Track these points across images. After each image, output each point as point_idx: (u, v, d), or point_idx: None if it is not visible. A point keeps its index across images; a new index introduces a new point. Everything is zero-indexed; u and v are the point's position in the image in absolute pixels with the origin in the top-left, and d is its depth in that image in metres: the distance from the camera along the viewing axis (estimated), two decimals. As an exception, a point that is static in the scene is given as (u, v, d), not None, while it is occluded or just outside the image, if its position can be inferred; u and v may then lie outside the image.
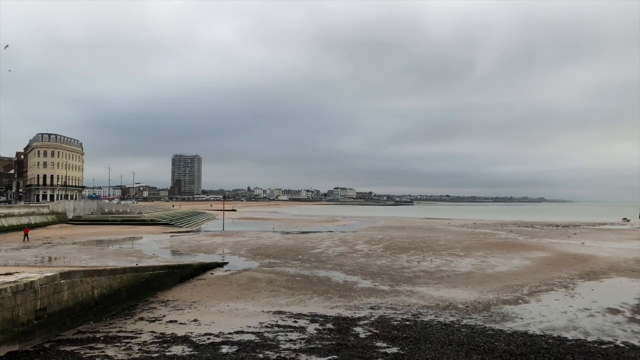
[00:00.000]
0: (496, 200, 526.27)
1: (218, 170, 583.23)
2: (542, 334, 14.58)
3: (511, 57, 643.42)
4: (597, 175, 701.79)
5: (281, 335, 14.00)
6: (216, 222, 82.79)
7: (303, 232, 56.90)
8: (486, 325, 15.44)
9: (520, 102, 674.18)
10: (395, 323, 15.60)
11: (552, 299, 19.96)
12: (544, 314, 17.28)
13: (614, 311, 17.82)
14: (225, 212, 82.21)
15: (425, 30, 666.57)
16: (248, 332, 14.35)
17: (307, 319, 16.07)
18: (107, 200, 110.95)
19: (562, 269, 28.53)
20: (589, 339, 14.10)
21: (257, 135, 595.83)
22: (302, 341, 13.39)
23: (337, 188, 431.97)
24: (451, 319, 16.35)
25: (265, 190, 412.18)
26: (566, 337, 14.18)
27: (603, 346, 13.28)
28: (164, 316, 16.45)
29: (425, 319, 16.22)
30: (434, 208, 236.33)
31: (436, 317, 16.60)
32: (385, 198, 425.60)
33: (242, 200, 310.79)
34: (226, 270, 26.64)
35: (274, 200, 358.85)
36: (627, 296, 20.62)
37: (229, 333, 14.22)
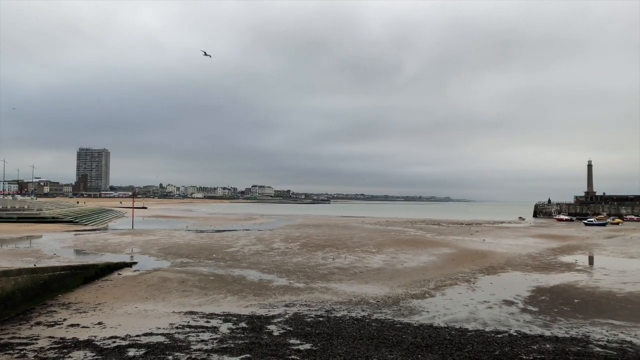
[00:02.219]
0: (407, 199, 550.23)
1: (129, 166, 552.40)
2: (446, 326, 15.46)
3: (437, 61, 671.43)
4: (500, 177, 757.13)
5: (193, 336, 13.63)
6: (125, 220, 78.84)
7: (218, 231, 55.84)
8: (395, 319, 16.09)
9: (441, 106, 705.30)
10: (309, 320, 15.78)
11: (455, 293, 21.23)
12: (448, 307, 18.33)
13: (509, 303, 19.31)
14: (135, 209, 78.56)
15: (360, 30, 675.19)
16: (157, 334, 13.81)
17: (220, 319, 15.79)
18: (1, 196, 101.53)
19: (465, 264, 30.46)
20: (487, 329, 15.17)
21: (175, 129, 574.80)
22: (215, 341, 13.14)
23: (255, 186, 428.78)
24: (363, 314, 16.85)
25: (179, 188, 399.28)
26: (467, 328, 15.15)
27: (499, 335, 14.35)
28: (64, 320, 15.37)
29: (338, 315, 16.57)
30: (350, 206, 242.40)
31: (349, 312, 17.02)
32: (303, 196, 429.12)
33: (154, 198, 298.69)
34: (135, 271, 25.45)
35: (188, 197, 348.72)
36: (520, 289, 22.43)
37: (137, 335, 13.60)
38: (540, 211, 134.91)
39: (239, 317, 16.02)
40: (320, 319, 15.98)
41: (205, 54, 58.59)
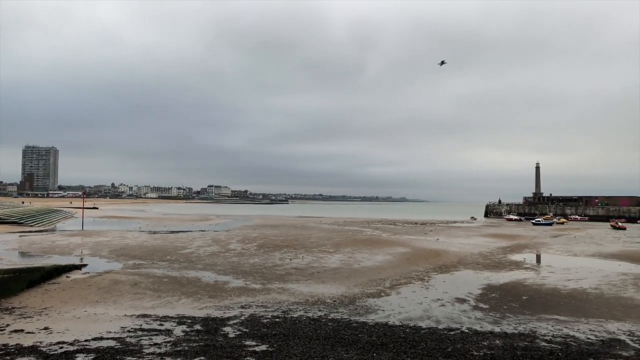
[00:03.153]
0: (364, 199, 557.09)
1: (79, 165, 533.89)
2: (400, 324, 15.73)
3: (400, 63, 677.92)
4: (454, 177, 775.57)
5: (145, 340, 13.27)
6: (75, 220, 75.88)
7: (173, 232, 54.65)
8: (351, 319, 16.23)
9: (402, 107, 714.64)
10: (265, 321, 15.69)
11: (410, 291, 21.64)
12: (403, 306, 18.67)
13: (461, 301, 19.85)
14: (85, 209, 75.80)
15: (324, 29, 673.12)
16: (108, 338, 13.36)
17: (174, 321, 15.45)
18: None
19: (420, 263, 31.10)
20: (440, 326, 15.54)
21: (129, 127, 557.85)
22: (168, 344, 12.84)
23: (212, 186, 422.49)
24: (319, 313, 16.91)
25: (132, 187, 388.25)
26: (421, 326, 15.47)
27: (451, 332, 14.73)
28: (7, 325, 14.62)
29: (295, 315, 16.55)
30: (308, 207, 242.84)
31: (305, 312, 17.04)
32: (261, 197, 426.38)
33: (105, 198, 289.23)
34: (85, 273, 24.54)
35: (141, 198, 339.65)
36: (472, 287, 23.12)
37: (86, 340, 13.11)
38: (491, 211, 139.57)
39: (194, 320, 15.74)
40: (277, 319, 15.92)
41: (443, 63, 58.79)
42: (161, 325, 14.98)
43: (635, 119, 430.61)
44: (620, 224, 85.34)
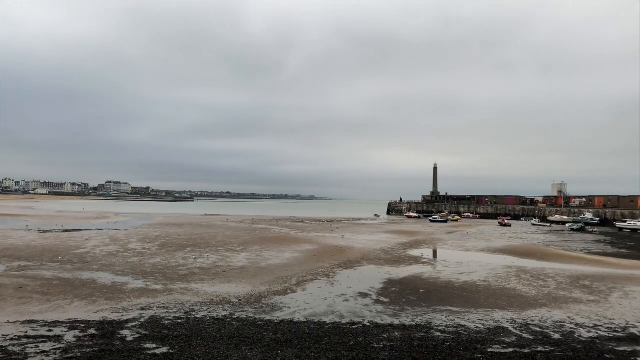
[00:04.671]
0: (273, 197, 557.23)
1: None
2: (305, 320, 15.94)
3: (318, 62, 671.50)
4: (361, 177, 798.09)
5: (31, 347, 12.20)
6: (-52, 219, 67.79)
7: (66, 230, 50.73)
8: (257, 317, 16.15)
9: (317, 106, 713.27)
10: (166, 322, 15.12)
11: (316, 288, 22.00)
12: (308, 302, 18.93)
13: (364, 295, 20.56)
14: (-39, 207, 67.91)
15: (244, 23, 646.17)
16: (-14, 349, 12.10)
17: (65, 327, 14.36)
18: None
19: (326, 259, 31.73)
20: (344, 321, 15.97)
21: (17, 116, 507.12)
22: (58, 351, 11.92)
23: (110, 182, 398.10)
24: (224, 313, 16.63)
25: (19, 182, 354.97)
26: (325, 322, 15.79)
27: (354, 326, 15.20)
28: None
29: (199, 316, 16.13)
30: (215, 204, 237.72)
31: (209, 312, 16.67)
32: (164, 194, 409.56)
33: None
34: (-41, 277, 22.01)
35: (30, 193, 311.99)
36: (374, 281, 24.03)
37: (-41, 352, 11.77)
38: (393, 209, 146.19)
39: (88, 324, 14.74)
40: (179, 320, 15.41)
41: None
42: (50, 331, 13.85)
43: (529, 126, 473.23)
44: (506, 221, 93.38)
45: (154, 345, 12.59)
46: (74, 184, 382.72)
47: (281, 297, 19.79)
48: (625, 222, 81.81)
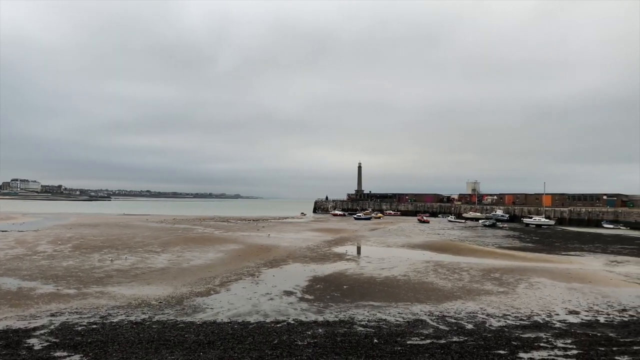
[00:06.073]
0: (197, 196, 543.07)
1: None
2: (229, 320, 15.70)
3: (252, 58, 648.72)
4: (289, 175, 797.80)
5: None
6: None
7: (-36, 233, 46.34)
8: (178, 319, 15.68)
9: (249, 103, 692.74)
10: (79, 328, 14.26)
11: (240, 287, 21.74)
12: (232, 302, 18.66)
13: (289, 293, 20.61)
14: None
15: (177, 15, 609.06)
16: None
17: (-39, 339, 13.11)
18: None
19: (251, 259, 31.46)
20: (268, 320, 15.92)
21: None
22: (-48, 366, 10.87)
23: (16, 180, 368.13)
24: (143, 316, 15.98)
25: None
26: (249, 321, 15.65)
27: (278, 325, 15.20)
28: None
29: (115, 320, 15.37)
30: (134, 204, 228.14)
31: (127, 316, 15.94)
32: (78, 192, 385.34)
33: None
34: None
35: None
36: (299, 279, 24.17)
37: None
38: (320, 207, 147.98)
39: (-11, 334, 13.56)
40: (94, 326, 14.60)
41: None
42: (-57, 344, 12.58)
43: (454, 127, 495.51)
44: (425, 218, 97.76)
45: (65, 354, 11.83)
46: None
47: (204, 298, 19.35)
48: (531, 218, 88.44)
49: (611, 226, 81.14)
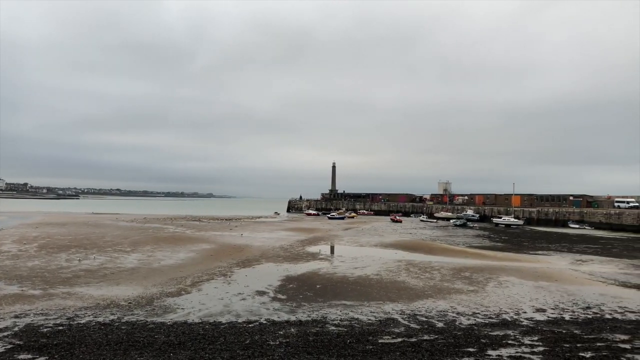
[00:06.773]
0: (168, 195, 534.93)
1: None
2: (200, 321, 15.52)
3: (230, 56, 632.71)
4: (264, 174, 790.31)
5: None
6: None
7: None
8: (148, 320, 15.42)
9: (225, 101, 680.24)
10: (45, 330, 13.87)
11: (212, 288, 21.51)
12: (204, 302, 18.46)
13: (261, 293, 20.51)
14: None
15: (156, 10, 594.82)
16: None
17: None
18: None
19: (223, 258, 31.18)
20: (240, 320, 15.80)
21: None
22: None
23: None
24: (112, 317, 15.65)
25: None
26: (221, 322, 15.50)
27: (250, 325, 15.10)
28: None
29: (83, 321, 15.01)
30: (103, 202, 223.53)
31: (95, 317, 15.59)
32: (45, 190, 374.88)
33: None
34: None
35: None
36: (272, 279, 24.08)
37: None
38: (293, 206, 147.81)
39: (-52, 337, 13.07)
40: (60, 327, 14.23)
41: None
42: None
43: (429, 128, 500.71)
44: (397, 217, 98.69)
45: (29, 356, 11.50)
46: None
47: (175, 298, 19.08)
48: (500, 217, 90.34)
49: (577, 226, 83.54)
